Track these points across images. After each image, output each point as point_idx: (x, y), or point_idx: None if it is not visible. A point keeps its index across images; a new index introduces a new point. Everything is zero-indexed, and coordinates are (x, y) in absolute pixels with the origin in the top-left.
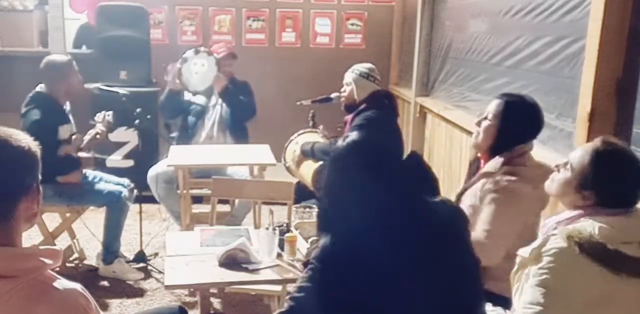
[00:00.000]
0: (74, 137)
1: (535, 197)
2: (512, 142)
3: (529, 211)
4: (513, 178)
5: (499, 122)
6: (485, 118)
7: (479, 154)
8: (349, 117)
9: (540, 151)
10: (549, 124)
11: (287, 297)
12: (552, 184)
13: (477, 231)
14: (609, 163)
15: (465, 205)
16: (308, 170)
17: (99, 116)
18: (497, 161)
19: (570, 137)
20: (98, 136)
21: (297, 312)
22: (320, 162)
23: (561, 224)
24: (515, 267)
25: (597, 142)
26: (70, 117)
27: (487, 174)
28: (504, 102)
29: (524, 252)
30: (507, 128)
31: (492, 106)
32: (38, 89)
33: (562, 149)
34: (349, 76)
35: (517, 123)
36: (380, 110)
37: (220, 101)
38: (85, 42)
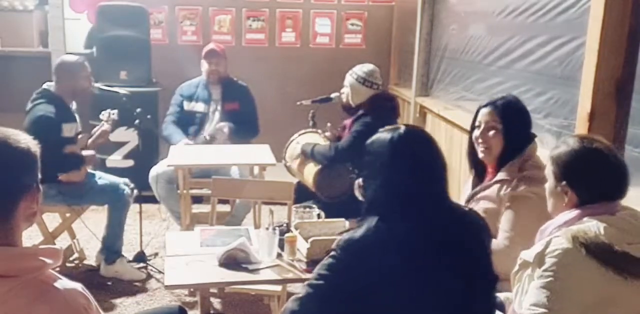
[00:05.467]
0: (80, 136)
1: None
2: (519, 144)
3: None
4: (531, 184)
5: (504, 127)
6: (482, 128)
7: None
8: (348, 121)
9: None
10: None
11: (305, 283)
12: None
13: (499, 238)
14: (583, 155)
15: (476, 209)
16: (309, 170)
17: (104, 114)
18: (512, 167)
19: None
20: (101, 139)
21: (313, 299)
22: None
23: (562, 227)
24: (516, 267)
25: (574, 137)
26: (77, 116)
27: (504, 181)
28: (499, 107)
29: (527, 256)
30: (512, 131)
31: (487, 115)
32: (45, 86)
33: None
34: (347, 79)
35: (519, 123)
36: (379, 115)
37: (219, 107)
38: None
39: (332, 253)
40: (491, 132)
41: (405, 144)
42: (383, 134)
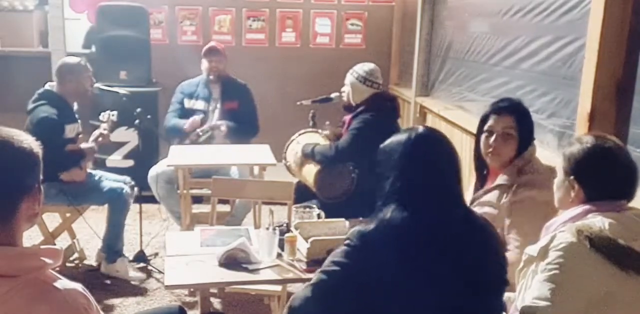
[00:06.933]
0: (80, 136)
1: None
2: (525, 147)
3: (553, 216)
4: (531, 188)
5: (519, 135)
6: (495, 135)
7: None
8: (347, 117)
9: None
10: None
11: (319, 270)
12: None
13: (511, 246)
14: (595, 153)
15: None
16: (309, 170)
17: (103, 116)
18: (511, 171)
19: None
20: (100, 138)
21: (327, 286)
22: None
23: (567, 223)
24: (521, 264)
25: (588, 135)
26: (77, 117)
27: (503, 187)
28: (516, 114)
29: (531, 250)
30: (526, 138)
31: (502, 122)
32: (47, 86)
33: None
34: (348, 78)
35: (531, 129)
36: (379, 112)
37: (218, 105)
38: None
39: (347, 241)
40: (507, 140)
41: (421, 144)
42: (399, 135)
